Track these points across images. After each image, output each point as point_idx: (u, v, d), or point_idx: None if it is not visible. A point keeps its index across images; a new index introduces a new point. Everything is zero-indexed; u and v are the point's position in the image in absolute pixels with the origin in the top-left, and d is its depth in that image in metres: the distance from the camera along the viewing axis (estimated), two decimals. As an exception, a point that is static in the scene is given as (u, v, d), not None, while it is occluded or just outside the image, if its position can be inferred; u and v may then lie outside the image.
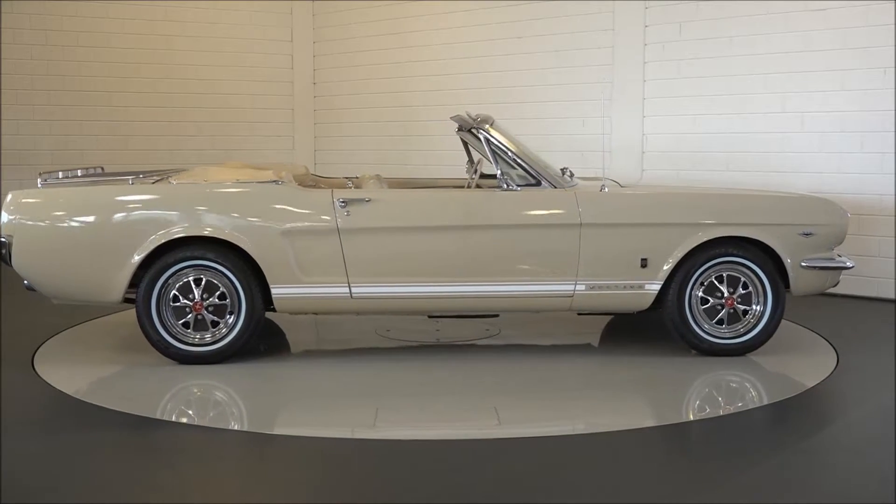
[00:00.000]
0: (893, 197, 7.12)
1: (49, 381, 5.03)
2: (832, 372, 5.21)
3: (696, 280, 5.36)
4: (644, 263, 5.30)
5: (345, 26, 10.65)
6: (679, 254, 5.30)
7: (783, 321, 5.50)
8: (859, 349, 5.71)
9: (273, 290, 5.24)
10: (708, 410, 4.70)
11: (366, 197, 5.29)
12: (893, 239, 7.15)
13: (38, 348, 5.72)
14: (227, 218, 5.21)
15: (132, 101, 10.34)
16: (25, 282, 5.37)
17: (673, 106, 8.20)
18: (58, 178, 5.60)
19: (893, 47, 7.02)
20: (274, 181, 5.33)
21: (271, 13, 10.86)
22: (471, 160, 6.21)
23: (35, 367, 5.32)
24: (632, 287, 5.33)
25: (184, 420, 4.58)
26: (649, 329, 6.19)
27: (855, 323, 6.50)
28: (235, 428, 4.46)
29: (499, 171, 5.38)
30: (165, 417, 4.58)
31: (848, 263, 5.51)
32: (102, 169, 6.28)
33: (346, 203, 5.22)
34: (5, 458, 3.89)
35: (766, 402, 4.71)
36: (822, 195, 6.16)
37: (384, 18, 10.22)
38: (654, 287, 5.33)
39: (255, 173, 5.57)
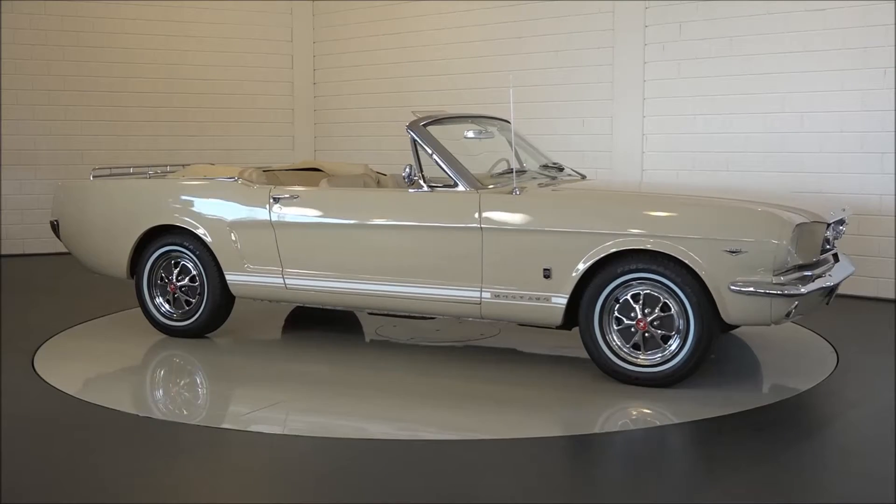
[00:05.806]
0: (893, 197, 7.12)
1: (49, 381, 5.04)
2: (832, 372, 5.20)
3: (609, 296, 4.83)
4: (547, 274, 4.92)
5: (345, 26, 10.65)
6: (582, 266, 4.82)
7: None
8: (859, 349, 5.70)
9: (227, 276, 5.81)
10: (706, 411, 4.67)
11: (295, 193, 5.63)
12: (893, 239, 7.15)
13: (38, 348, 5.73)
14: (191, 210, 5.89)
15: (132, 101, 10.35)
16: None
17: (673, 106, 8.20)
18: (109, 171, 6.51)
19: (893, 47, 7.02)
20: (231, 178, 5.88)
21: (271, 13, 10.86)
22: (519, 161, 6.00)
23: (35, 367, 5.33)
24: (538, 299, 4.96)
25: (184, 419, 4.58)
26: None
27: (855, 323, 6.50)
28: (235, 428, 4.46)
29: (406, 170, 5.29)
30: (167, 417, 4.59)
31: (802, 290, 4.51)
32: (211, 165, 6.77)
33: (277, 199, 5.62)
34: (5, 458, 3.90)
35: (765, 402, 4.70)
36: (823, 195, 6.13)
37: (384, 18, 10.23)
38: (561, 300, 4.90)
39: (225, 170, 6.12)
